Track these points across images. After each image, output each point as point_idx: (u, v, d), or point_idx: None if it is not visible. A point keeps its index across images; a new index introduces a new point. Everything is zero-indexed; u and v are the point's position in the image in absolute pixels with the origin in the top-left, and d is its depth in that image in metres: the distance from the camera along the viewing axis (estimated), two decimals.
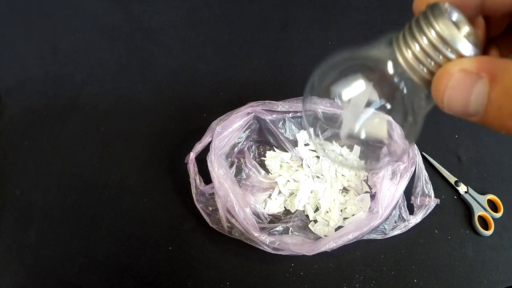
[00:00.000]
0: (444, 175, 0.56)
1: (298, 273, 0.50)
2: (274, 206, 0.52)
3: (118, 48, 0.64)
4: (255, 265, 0.50)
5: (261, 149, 0.56)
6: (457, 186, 0.55)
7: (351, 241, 0.47)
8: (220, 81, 0.61)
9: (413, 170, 0.51)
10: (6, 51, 0.66)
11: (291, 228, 0.49)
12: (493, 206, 0.55)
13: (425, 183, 0.51)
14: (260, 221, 0.51)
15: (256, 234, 0.46)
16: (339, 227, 0.51)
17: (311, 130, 0.22)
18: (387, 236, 0.50)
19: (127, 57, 0.64)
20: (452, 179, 0.55)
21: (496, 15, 0.16)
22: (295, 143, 0.55)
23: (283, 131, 0.54)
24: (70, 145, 0.60)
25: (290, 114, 0.53)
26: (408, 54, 0.15)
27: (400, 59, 0.15)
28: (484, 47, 0.17)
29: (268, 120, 0.53)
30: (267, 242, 0.46)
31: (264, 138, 0.56)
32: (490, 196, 0.55)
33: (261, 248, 0.47)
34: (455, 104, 0.15)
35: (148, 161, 0.57)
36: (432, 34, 0.14)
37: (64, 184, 0.57)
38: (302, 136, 0.54)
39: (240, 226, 0.47)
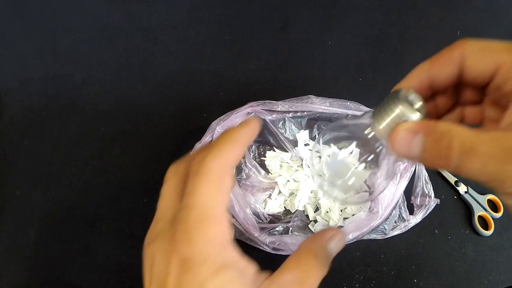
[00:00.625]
0: (444, 175, 0.56)
1: None
2: (274, 206, 0.52)
3: (118, 48, 0.64)
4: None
5: (261, 149, 0.56)
6: (457, 186, 0.55)
7: (351, 241, 0.47)
8: (220, 81, 0.61)
9: (413, 170, 0.51)
10: (6, 51, 0.66)
11: (291, 228, 0.49)
12: (493, 206, 0.55)
13: (425, 183, 0.51)
14: (260, 221, 0.51)
15: (256, 234, 0.46)
16: (339, 227, 0.51)
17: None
18: (387, 236, 0.50)
19: (127, 57, 0.64)
20: (452, 179, 0.55)
21: (443, 94, 0.25)
22: (295, 143, 0.55)
23: (283, 131, 0.54)
24: (70, 145, 0.60)
25: (290, 114, 0.53)
26: (380, 125, 0.22)
27: (375, 128, 0.23)
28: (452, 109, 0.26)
29: (268, 120, 0.53)
30: (267, 242, 0.46)
31: (264, 138, 0.56)
32: (490, 196, 0.55)
33: (261, 248, 0.47)
34: (401, 151, 0.21)
35: (148, 161, 0.57)
36: (392, 112, 0.22)
37: (64, 184, 0.57)
38: (302, 136, 0.54)
39: (240, 226, 0.47)
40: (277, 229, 0.49)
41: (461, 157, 0.18)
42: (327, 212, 0.52)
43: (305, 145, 0.55)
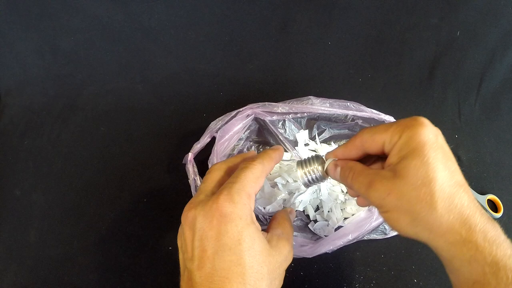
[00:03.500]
0: None
1: (298, 273, 0.50)
2: (274, 206, 0.52)
3: (118, 48, 0.64)
4: None
5: (261, 149, 0.56)
6: None
7: (351, 242, 0.47)
8: (220, 81, 0.61)
9: None
10: (7, 51, 0.66)
11: None
12: (493, 206, 0.55)
13: None
14: (260, 221, 0.51)
15: None
16: (339, 227, 0.51)
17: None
18: (387, 236, 0.50)
19: (127, 57, 0.64)
20: None
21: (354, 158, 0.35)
22: (295, 143, 0.55)
23: (282, 131, 0.54)
24: (70, 145, 0.60)
25: (290, 115, 0.53)
26: (303, 170, 0.38)
27: (300, 172, 0.38)
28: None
29: (267, 121, 0.52)
30: None
31: (264, 139, 0.55)
32: (490, 196, 0.55)
33: None
34: (331, 173, 0.36)
35: (148, 161, 0.57)
36: (312, 165, 0.37)
37: (64, 184, 0.57)
38: (302, 136, 0.54)
39: None
40: None
41: (351, 180, 0.32)
42: (329, 211, 0.52)
43: (305, 145, 0.55)
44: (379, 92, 0.62)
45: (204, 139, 0.50)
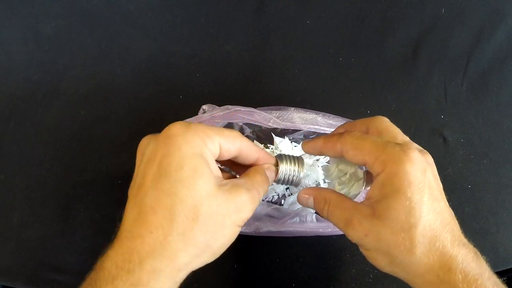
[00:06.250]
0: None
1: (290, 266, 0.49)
2: None
3: (98, 33, 0.65)
4: (260, 254, 0.50)
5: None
6: None
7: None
8: (197, 63, 0.61)
9: None
10: None
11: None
12: None
13: None
14: None
15: None
16: None
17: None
18: None
19: (106, 41, 0.64)
20: None
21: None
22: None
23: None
24: (52, 129, 0.60)
25: (271, 121, 0.50)
26: (284, 166, 0.34)
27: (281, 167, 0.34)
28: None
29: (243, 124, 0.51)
30: None
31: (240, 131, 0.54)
32: None
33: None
34: (303, 204, 0.34)
35: (125, 144, 0.57)
36: (294, 166, 0.35)
37: (45, 168, 0.57)
38: (285, 145, 0.53)
39: None
40: None
41: (327, 213, 0.31)
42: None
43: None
44: (360, 72, 0.61)
45: (191, 119, 0.48)
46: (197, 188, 0.25)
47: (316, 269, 0.49)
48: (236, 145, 0.29)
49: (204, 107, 0.51)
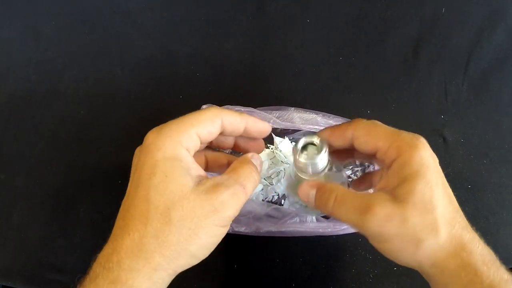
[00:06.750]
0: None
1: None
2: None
3: (97, 32, 0.65)
4: (260, 254, 0.50)
5: None
6: None
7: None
8: (197, 62, 0.60)
9: None
10: None
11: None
12: None
13: None
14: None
15: None
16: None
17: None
18: None
19: (106, 40, 0.64)
20: None
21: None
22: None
23: None
24: (52, 129, 0.60)
25: (271, 121, 0.50)
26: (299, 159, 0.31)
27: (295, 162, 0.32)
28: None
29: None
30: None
31: None
32: None
33: None
34: (303, 198, 0.32)
35: (125, 144, 0.57)
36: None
37: (45, 168, 0.57)
38: (285, 145, 0.53)
39: None
40: None
41: (333, 205, 0.28)
42: None
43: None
44: (361, 72, 0.61)
45: None
46: (168, 192, 0.26)
47: (316, 269, 0.49)
48: (217, 124, 0.29)
49: (204, 107, 0.51)
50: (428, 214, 0.26)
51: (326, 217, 0.48)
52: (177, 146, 0.27)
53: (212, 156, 0.35)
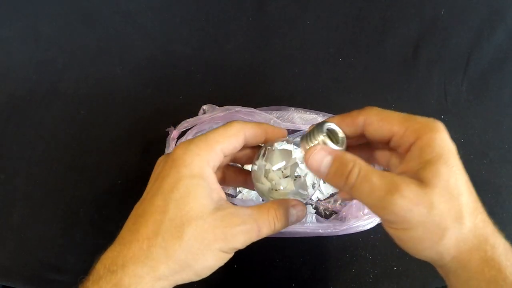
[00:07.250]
0: None
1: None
2: None
3: (97, 32, 0.65)
4: (260, 254, 0.50)
5: None
6: None
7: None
8: (197, 63, 0.61)
9: None
10: None
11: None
12: None
13: None
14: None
15: None
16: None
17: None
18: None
19: (106, 40, 0.64)
20: None
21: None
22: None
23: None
24: (52, 129, 0.60)
25: (271, 121, 0.50)
26: (306, 146, 0.28)
27: (301, 148, 0.28)
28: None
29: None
30: None
31: None
32: None
33: None
34: (312, 165, 0.27)
35: (125, 144, 0.57)
36: (315, 140, 0.27)
37: (45, 168, 0.57)
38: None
39: None
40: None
41: (357, 180, 0.25)
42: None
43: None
44: (361, 72, 0.61)
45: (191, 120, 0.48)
46: (187, 209, 0.26)
47: (316, 269, 0.49)
48: (240, 139, 0.30)
49: (204, 107, 0.51)
50: (453, 201, 0.24)
51: (319, 214, 0.48)
52: (204, 165, 0.27)
53: (230, 171, 0.35)
